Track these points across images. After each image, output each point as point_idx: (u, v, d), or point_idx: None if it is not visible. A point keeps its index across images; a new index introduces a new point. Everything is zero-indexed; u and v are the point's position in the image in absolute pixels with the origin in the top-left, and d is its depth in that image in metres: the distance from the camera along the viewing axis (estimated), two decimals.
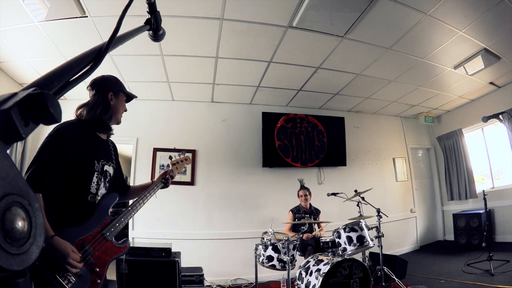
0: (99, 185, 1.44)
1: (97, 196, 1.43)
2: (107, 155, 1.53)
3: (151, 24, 0.81)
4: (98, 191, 1.44)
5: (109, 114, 1.49)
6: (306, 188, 4.02)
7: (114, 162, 1.59)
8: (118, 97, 1.52)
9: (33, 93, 0.33)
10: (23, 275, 0.31)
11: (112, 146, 1.63)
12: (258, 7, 2.78)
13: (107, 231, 1.37)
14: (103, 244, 1.34)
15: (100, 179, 1.45)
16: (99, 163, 1.45)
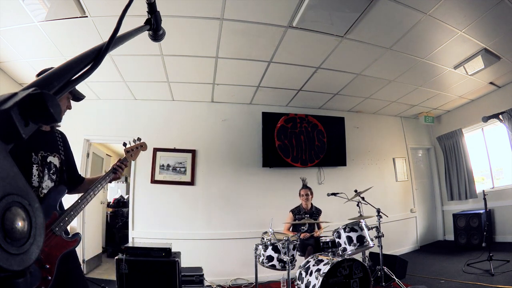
0: (41, 178, 1.40)
1: (41, 189, 1.39)
2: (50, 146, 1.49)
3: (151, 24, 0.81)
4: (42, 183, 1.40)
5: None
6: (308, 188, 4.01)
7: (62, 154, 1.55)
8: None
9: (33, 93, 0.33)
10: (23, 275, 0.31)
11: (60, 137, 1.59)
12: (258, 7, 2.78)
13: (55, 226, 1.33)
14: (52, 240, 1.31)
15: (42, 171, 1.41)
16: (38, 155, 1.41)
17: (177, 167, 4.67)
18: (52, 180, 1.45)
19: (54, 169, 1.48)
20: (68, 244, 1.38)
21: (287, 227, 3.91)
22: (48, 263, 1.27)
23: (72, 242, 1.40)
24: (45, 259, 1.27)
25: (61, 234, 1.36)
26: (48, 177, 1.43)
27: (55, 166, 1.48)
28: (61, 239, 1.35)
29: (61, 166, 1.52)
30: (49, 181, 1.43)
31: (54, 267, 1.30)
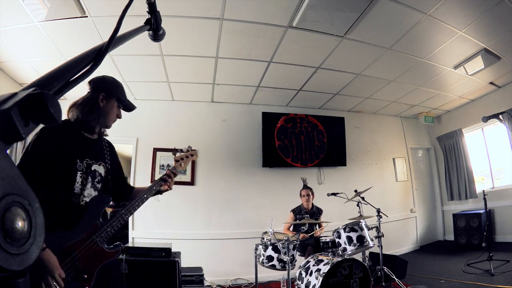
0: (84, 185, 1.36)
1: (82, 197, 1.35)
2: (96, 154, 1.45)
3: (151, 24, 0.81)
4: (84, 191, 1.36)
5: (95, 116, 1.41)
6: (308, 188, 4.00)
7: (109, 163, 1.51)
8: (110, 100, 1.44)
9: (33, 93, 0.33)
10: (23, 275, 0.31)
11: (107, 146, 1.56)
12: (258, 7, 2.78)
13: (97, 237, 1.30)
14: (93, 250, 1.28)
15: (86, 178, 1.37)
16: (83, 162, 1.37)
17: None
18: (95, 189, 1.42)
19: (99, 177, 1.44)
20: (109, 255, 1.35)
21: (286, 226, 3.91)
22: (86, 273, 1.25)
23: (113, 253, 1.37)
24: (84, 269, 1.25)
25: (103, 245, 1.32)
26: (92, 185, 1.40)
27: (100, 175, 1.45)
28: (102, 250, 1.32)
29: (106, 175, 1.48)
30: (92, 189, 1.39)
31: (92, 277, 1.27)
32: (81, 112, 1.38)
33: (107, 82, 1.47)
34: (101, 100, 1.42)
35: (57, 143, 1.30)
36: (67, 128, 1.37)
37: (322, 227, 3.83)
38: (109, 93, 1.44)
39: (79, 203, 1.33)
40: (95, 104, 1.41)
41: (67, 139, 1.34)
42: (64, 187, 1.30)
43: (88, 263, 1.26)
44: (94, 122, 1.42)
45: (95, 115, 1.40)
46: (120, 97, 1.47)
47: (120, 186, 1.63)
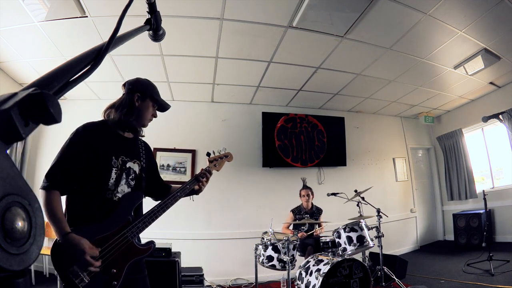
0: (118, 182, 1.38)
1: (115, 193, 1.37)
2: (132, 152, 1.49)
3: (151, 24, 0.81)
4: (118, 187, 1.38)
5: (134, 116, 1.45)
6: (308, 188, 4.00)
7: (144, 161, 1.53)
8: (145, 100, 1.49)
9: (33, 93, 0.33)
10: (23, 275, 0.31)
11: (143, 146, 1.60)
12: (258, 7, 2.78)
13: (128, 231, 1.31)
14: (123, 245, 1.28)
15: (120, 175, 1.40)
16: (118, 159, 1.40)
17: (177, 167, 4.67)
18: (129, 186, 1.43)
19: (134, 175, 1.46)
20: (140, 251, 1.35)
21: (285, 226, 3.91)
22: (115, 268, 1.25)
23: (145, 249, 1.36)
24: (113, 264, 1.24)
25: (134, 241, 1.33)
26: (126, 182, 1.42)
27: (134, 172, 1.47)
28: (132, 245, 1.32)
29: (141, 173, 1.50)
30: (125, 186, 1.41)
31: (122, 273, 1.27)
32: (120, 113, 1.43)
33: (141, 83, 1.53)
34: (137, 100, 1.46)
35: (93, 141, 1.34)
36: (103, 127, 1.42)
37: (322, 227, 3.83)
38: (144, 93, 1.49)
39: (112, 198, 1.35)
40: (132, 104, 1.45)
41: (103, 138, 1.38)
42: (99, 182, 1.33)
43: (118, 258, 1.26)
44: (132, 121, 1.47)
45: (133, 115, 1.45)
46: (155, 97, 1.53)
47: (156, 184, 1.65)
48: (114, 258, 1.24)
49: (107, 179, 1.35)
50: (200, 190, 1.64)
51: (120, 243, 1.27)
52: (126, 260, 1.29)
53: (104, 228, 1.27)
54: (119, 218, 1.33)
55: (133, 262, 1.32)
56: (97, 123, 1.43)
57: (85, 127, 1.36)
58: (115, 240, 1.26)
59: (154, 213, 1.40)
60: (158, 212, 1.41)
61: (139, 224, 1.34)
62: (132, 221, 1.34)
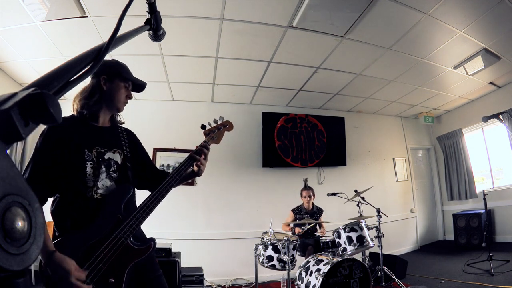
0: (97, 176, 1.22)
1: (96, 189, 1.20)
2: (110, 142, 1.32)
3: (151, 24, 0.81)
4: (97, 183, 1.21)
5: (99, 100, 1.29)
6: (310, 188, 3.98)
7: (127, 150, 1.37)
8: (113, 81, 1.31)
9: (33, 93, 0.33)
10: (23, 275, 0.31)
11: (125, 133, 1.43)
12: (258, 7, 2.78)
13: (120, 232, 1.14)
14: (117, 248, 1.11)
15: (98, 168, 1.23)
16: (92, 151, 1.24)
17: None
18: (111, 179, 1.26)
19: (115, 166, 1.29)
20: (139, 252, 1.18)
21: (285, 224, 3.91)
22: (113, 277, 1.10)
23: (144, 249, 1.19)
24: (110, 272, 1.09)
25: (129, 241, 1.16)
26: (107, 175, 1.25)
27: (116, 163, 1.30)
28: (128, 247, 1.15)
29: (124, 162, 1.32)
30: (107, 180, 1.25)
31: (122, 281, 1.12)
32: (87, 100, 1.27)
33: (106, 64, 1.33)
34: (104, 83, 1.30)
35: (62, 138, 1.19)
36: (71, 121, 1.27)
37: (323, 227, 3.82)
38: (111, 73, 1.32)
39: (93, 196, 1.19)
40: (96, 89, 1.29)
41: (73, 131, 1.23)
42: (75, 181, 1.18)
43: (114, 264, 1.11)
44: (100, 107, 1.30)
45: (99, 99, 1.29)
46: (124, 75, 1.35)
47: (147, 173, 1.46)
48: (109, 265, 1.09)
49: (83, 175, 1.19)
50: (200, 170, 1.41)
51: (114, 247, 1.11)
52: (124, 265, 1.14)
53: (92, 233, 1.12)
54: (107, 218, 1.17)
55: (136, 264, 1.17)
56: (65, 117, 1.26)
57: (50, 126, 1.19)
58: (107, 245, 1.11)
59: (147, 206, 1.21)
60: (151, 204, 1.22)
61: (131, 222, 1.17)
62: (123, 219, 1.18)
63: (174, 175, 1.31)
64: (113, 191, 1.24)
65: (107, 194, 1.22)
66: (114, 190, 1.25)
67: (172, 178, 1.30)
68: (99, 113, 1.31)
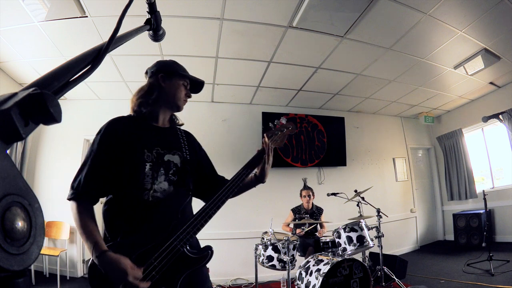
0: (155, 178, 1.15)
1: (153, 193, 1.14)
2: (170, 143, 1.26)
3: (151, 24, 0.81)
4: (154, 185, 1.15)
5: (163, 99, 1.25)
6: (309, 188, 3.99)
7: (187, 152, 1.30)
8: (171, 79, 1.28)
9: (33, 93, 0.33)
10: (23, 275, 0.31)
11: (184, 135, 1.37)
12: (258, 7, 2.78)
13: (175, 239, 1.07)
14: (172, 256, 1.05)
15: (157, 170, 1.17)
16: (152, 152, 1.18)
17: None
18: (170, 182, 1.19)
19: (175, 168, 1.22)
20: (195, 261, 1.12)
21: (285, 224, 3.91)
22: (165, 285, 1.04)
23: (199, 258, 1.13)
24: (162, 281, 1.04)
25: (185, 249, 1.10)
26: (165, 178, 1.19)
27: (176, 165, 1.23)
28: (184, 255, 1.09)
29: (183, 165, 1.26)
30: (165, 182, 1.18)
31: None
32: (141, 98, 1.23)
33: (163, 62, 1.35)
34: (162, 80, 1.27)
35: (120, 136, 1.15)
36: (132, 120, 1.23)
37: (324, 227, 3.81)
38: (168, 71, 1.29)
39: (149, 200, 1.13)
40: (155, 86, 1.25)
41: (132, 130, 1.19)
42: (132, 182, 1.12)
43: (168, 272, 1.05)
44: (159, 106, 1.26)
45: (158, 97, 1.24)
46: (182, 73, 1.32)
47: (207, 177, 1.40)
48: (163, 273, 1.03)
49: (141, 177, 1.13)
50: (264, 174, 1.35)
51: (169, 254, 1.05)
52: (178, 274, 1.08)
53: (147, 239, 1.06)
54: (163, 223, 1.10)
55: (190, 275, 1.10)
56: (124, 117, 1.24)
57: (109, 123, 1.18)
58: (162, 252, 1.05)
59: (206, 212, 1.17)
60: (211, 210, 1.17)
61: (188, 229, 1.11)
62: (179, 225, 1.11)
63: (235, 181, 1.26)
64: (171, 195, 1.18)
65: (164, 198, 1.16)
66: (172, 194, 1.18)
67: (233, 184, 1.25)
68: (158, 112, 1.27)
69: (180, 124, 1.39)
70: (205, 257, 1.15)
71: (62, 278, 3.99)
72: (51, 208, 4.15)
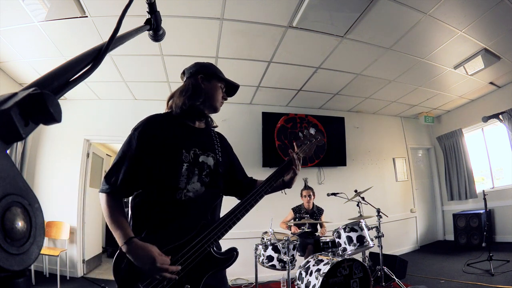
0: (189, 179, 1.17)
1: (186, 192, 1.15)
2: (205, 144, 1.27)
3: (151, 24, 0.81)
4: (188, 185, 1.16)
5: (201, 99, 1.25)
6: (310, 188, 3.99)
7: (220, 154, 1.32)
8: (210, 81, 1.29)
9: (33, 93, 0.33)
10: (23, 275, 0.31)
11: (217, 137, 1.39)
12: (258, 7, 2.78)
13: (204, 239, 1.09)
14: (199, 255, 1.07)
15: (192, 171, 1.18)
16: (190, 152, 1.19)
17: None
18: (203, 183, 1.21)
19: (208, 170, 1.24)
20: (220, 261, 1.12)
21: (283, 221, 3.92)
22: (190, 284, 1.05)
23: (225, 259, 1.14)
24: (187, 279, 1.05)
25: (212, 249, 1.11)
26: (199, 179, 1.20)
27: (209, 167, 1.25)
28: (210, 255, 1.10)
29: (216, 167, 1.28)
30: (198, 183, 1.20)
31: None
32: (185, 98, 1.23)
33: (202, 64, 1.36)
34: (202, 81, 1.27)
35: (158, 134, 1.16)
36: (169, 118, 1.24)
37: (324, 226, 3.81)
38: (207, 73, 1.31)
39: (182, 199, 1.14)
40: (197, 86, 1.26)
41: (170, 129, 1.20)
42: (167, 181, 1.13)
43: (193, 271, 1.06)
44: (201, 106, 1.27)
45: (201, 98, 1.25)
46: (220, 76, 1.33)
47: (237, 180, 1.42)
48: (188, 271, 1.05)
49: (177, 176, 1.14)
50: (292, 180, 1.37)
51: (195, 253, 1.06)
52: (203, 273, 1.08)
53: (175, 236, 1.07)
54: (192, 222, 1.11)
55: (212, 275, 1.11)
56: (161, 114, 1.26)
57: (147, 119, 1.20)
58: (189, 249, 1.06)
59: (235, 215, 1.19)
60: (239, 213, 1.21)
61: (216, 230, 1.12)
62: (208, 225, 1.12)
63: (265, 185, 1.28)
64: (202, 195, 1.20)
65: (195, 198, 1.17)
66: (203, 194, 1.20)
67: (263, 187, 1.27)
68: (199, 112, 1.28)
69: (215, 126, 1.41)
70: (230, 258, 1.15)
71: (62, 278, 3.99)
72: (51, 208, 4.15)
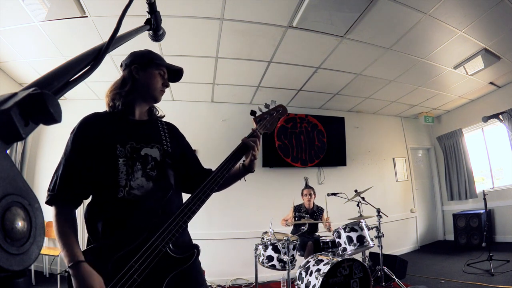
0: (130, 174, 1.08)
1: (129, 190, 1.07)
2: (147, 136, 1.19)
3: (151, 24, 0.81)
4: (131, 182, 1.07)
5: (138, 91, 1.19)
6: (310, 187, 4.00)
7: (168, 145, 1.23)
8: (146, 70, 1.20)
9: (33, 93, 0.33)
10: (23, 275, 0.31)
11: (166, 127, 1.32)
12: (258, 7, 2.78)
13: (157, 239, 0.99)
14: (155, 257, 0.97)
15: (132, 166, 1.09)
16: (125, 147, 1.11)
17: None
18: (149, 178, 1.11)
19: (153, 163, 1.14)
20: (180, 261, 1.03)
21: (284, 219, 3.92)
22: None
23: (185, 258, 1.04)
24: (146, 284, 0.95)
25: (167, 249, 1.01)
26: (143, 173, 1.11)
27: (154, 159, 1.15)
28: (167, 256, 1.00)
29: (163, 158, 1.18)
30: (143, 178, 1.10)
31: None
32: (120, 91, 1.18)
33: (136, 53, 1.25)
34: (136, 72, 1.20)
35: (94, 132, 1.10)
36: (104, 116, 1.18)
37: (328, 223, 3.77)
38: (143, 62, 1.21)
39: (125, 198, 1.05)
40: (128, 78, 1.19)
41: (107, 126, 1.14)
42: (106, 179, 1.06)
43: (151, 276, 0.96)
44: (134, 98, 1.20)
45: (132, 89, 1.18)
46: (157, 62, 1.23)
47: (190, 171, 1.31)
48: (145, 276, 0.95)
49: (115, 174, 1.06)
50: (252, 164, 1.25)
51: (150, 256, 0.97)
52: (162, 276, 0.99)
53: (126, 240, 0.98)
54: (143, 222, 1.02)
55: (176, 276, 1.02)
56: (98, 113, 1.20)
57: (81, 121, 1.13)
58: (143, 253, 0.97)
59: (189, 208, 1.08)
60: (194, 205, 1.09)
61: (170, 227, 1.01)
62: (160, 224, 1.02)
63: (221, 171, 1.16)
64: (150, 191, 1.10)
65: (143, 195, 1.08)
66: (152, 190, 1.10)
67: (218, 174, 1.15)
68: (134, 105, 1.21)
69: (161, 116, 1.33)
70: (190, 257, 1.06)
71: (62, 278, 3.99)
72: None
